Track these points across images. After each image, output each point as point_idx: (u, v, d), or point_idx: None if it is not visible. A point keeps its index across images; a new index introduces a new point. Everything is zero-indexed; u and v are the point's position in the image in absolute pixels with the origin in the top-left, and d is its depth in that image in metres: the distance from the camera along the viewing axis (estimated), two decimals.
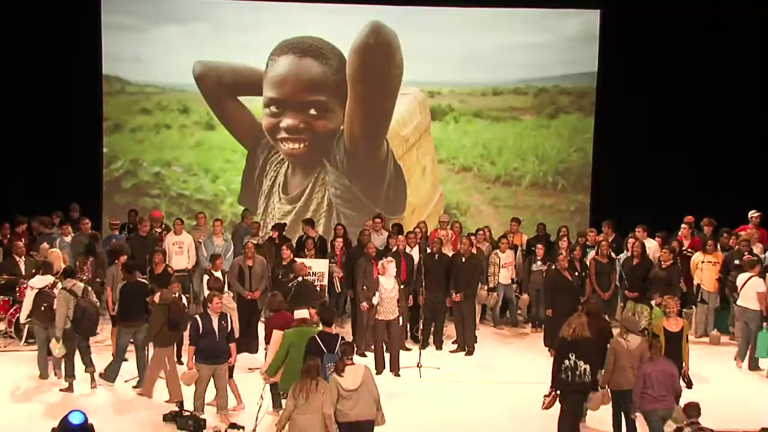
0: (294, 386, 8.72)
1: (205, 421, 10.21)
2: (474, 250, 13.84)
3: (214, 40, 17.57)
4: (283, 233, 15.03)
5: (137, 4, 17.56)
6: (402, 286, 12.62)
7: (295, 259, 13.13)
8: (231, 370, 10.85)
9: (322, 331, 9.93)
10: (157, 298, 11.26)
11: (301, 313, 10.30)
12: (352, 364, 9.04)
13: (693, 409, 8.99)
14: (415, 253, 13.94)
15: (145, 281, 12.17)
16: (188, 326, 10.58)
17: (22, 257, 13.34)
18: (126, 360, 11.97)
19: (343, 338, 9.83)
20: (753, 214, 14.99)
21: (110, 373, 11.60)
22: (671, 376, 9.68)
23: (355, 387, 8.86)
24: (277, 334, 10.22)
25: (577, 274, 13.40)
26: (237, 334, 10.85)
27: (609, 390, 10.01)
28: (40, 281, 11.88)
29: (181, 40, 17.57)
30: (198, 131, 17.87)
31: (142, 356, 11.57)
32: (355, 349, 9.59)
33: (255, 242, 14.00)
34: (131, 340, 11.65)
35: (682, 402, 9.52)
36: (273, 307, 11.00)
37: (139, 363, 11.61)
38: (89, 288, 11.68)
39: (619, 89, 17.52)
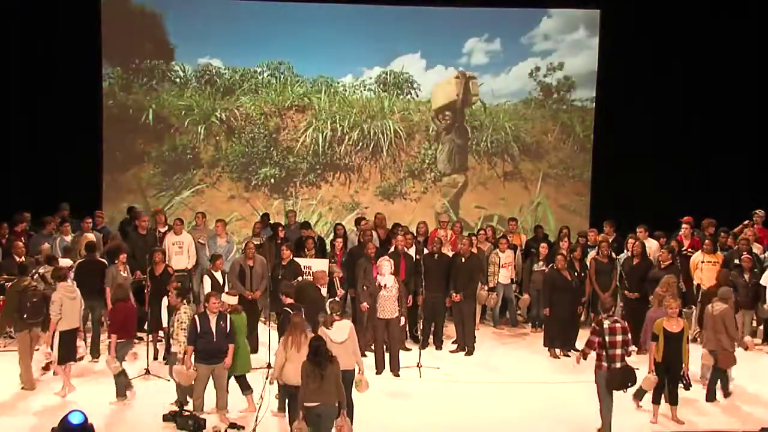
0: (285, 340, 9.64)
1: (205, 420, 10.20)
2: (474, 250, 13.84)
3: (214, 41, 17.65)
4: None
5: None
6: (403, 286, 12.60)
7: (295, 258, 13.14)
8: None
9: (291, 303, 10.82)
10: (9, 284, 11.63)
11: (232, 299, 10.69)
12: (340, 319, 10.02)
13: (607, 304, 10.41)
14: (411, 252, 13.93)
15: (104, 260, 12.86)
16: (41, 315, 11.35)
17: (22, 257, 13.27)
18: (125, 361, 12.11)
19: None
20: (757, 213, 14.97)
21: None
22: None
23: (342, 340, 9.81)
24: None
25: (576, 274, 13.40)
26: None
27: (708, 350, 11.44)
28: (62, 262, 12.46)
29: (181, 40, 17.64)
30: None
31: (97, 330, 12.63)
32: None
33: (256, 242, 13.98)
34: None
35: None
36: (117, 297, 11.32)
37: (93, 334, 12.62)
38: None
39: (619, 89, 17.54)
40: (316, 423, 8.97)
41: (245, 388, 10.79)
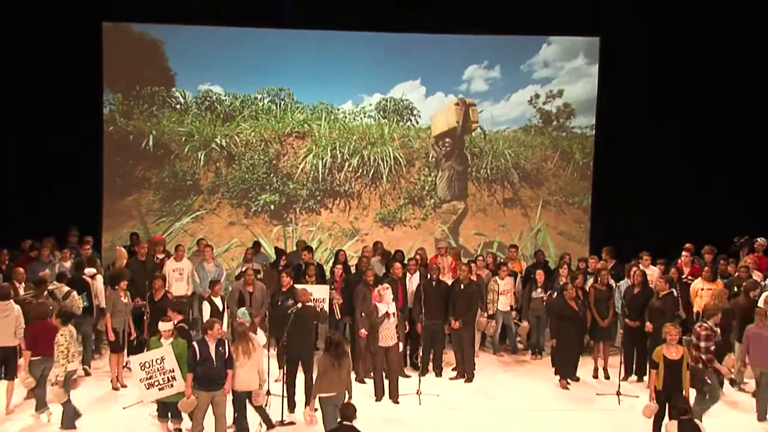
0: (235, 348, 10.37)
1: None
2: (473, 277, 13.82)
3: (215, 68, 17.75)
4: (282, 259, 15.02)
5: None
6: (399, 312, 12.60)
7: (295, 285, 13.11)
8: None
9: (181, 319, 11.35)
10: None
11: (165, 326, 10.78)
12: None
13: (709, 311, 11.74)
14: (415, 279, 13.91)
15: (87, 279, 13.34)
16: None
17: (22, 283, 13.24)
18: (125, 386, 12.34)
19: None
20: (758, 241, 14.96)
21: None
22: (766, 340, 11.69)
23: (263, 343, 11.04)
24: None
25: (580, 302, 13.35)
26: None
27: None
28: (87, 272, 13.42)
29: (182, 67, 17.74)
30: None
31: (89, 343, 13.36)
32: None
33: (254, 268, 13.97)
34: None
35: None
36: (35, 314, 11.36)
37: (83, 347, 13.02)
38: (73, 294, 12.82)
39: (618, 116, 17.57)
40: (331, 412, 9.75)
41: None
